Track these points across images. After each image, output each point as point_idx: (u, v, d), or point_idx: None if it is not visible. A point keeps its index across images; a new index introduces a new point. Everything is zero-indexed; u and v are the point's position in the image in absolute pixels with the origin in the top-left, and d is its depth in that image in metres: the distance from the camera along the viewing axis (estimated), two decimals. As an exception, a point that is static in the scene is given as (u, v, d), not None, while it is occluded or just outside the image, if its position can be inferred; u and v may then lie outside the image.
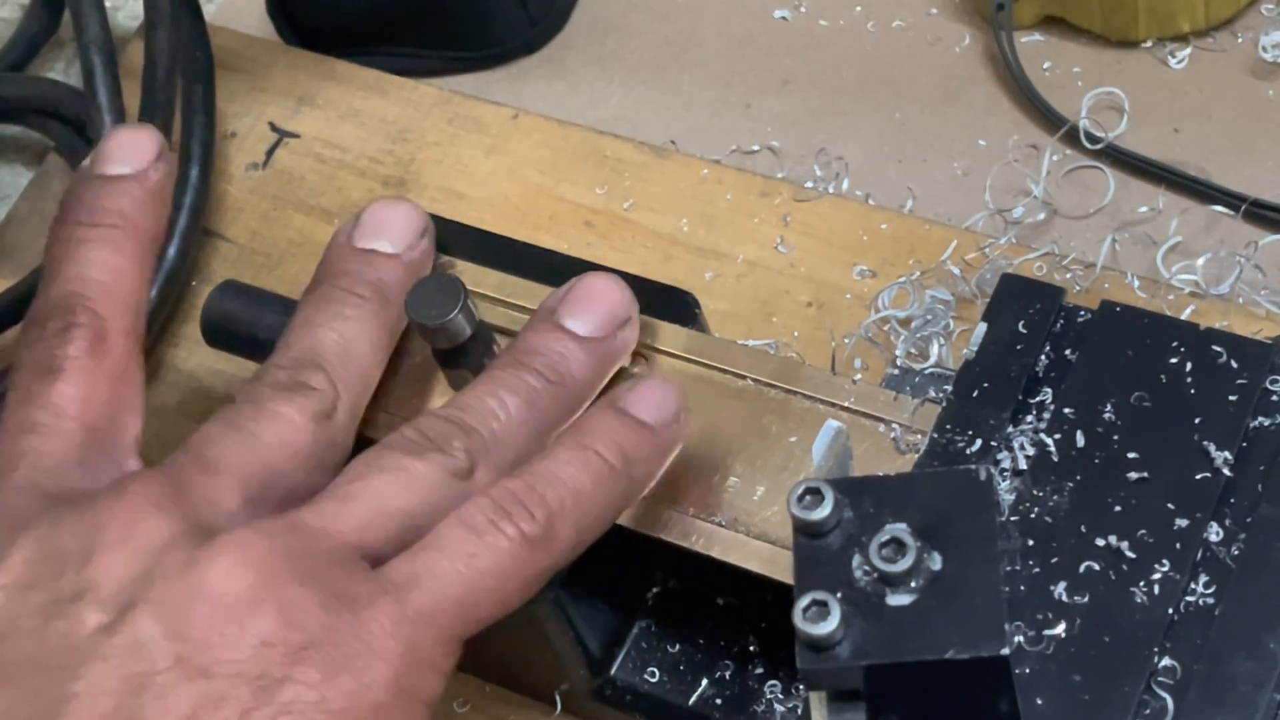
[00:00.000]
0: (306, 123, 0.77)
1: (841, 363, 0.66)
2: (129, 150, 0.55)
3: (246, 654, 0.44)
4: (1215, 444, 0.51)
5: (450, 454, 0.50)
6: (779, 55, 0.77)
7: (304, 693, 0.44)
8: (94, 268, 0.53)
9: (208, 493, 0.49)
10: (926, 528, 0.46)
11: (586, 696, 0.59)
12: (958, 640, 0.45)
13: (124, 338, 0.53)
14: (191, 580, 0.45)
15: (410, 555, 0.48)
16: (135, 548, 0.46)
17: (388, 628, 0.46)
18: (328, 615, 0.45)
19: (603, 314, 0.54)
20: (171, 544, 0.46)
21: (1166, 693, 0.48)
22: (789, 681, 0.58)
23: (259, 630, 0.44)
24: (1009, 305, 0.56)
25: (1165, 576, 0.50)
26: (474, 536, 0.48)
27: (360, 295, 0.55)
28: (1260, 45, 0.73)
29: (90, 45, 0.69)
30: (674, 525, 0.55)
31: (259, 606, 0.45)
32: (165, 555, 0.46)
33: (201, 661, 0.44)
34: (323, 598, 0.45)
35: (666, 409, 0.53)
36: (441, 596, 0.47)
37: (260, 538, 0.46)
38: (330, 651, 0.45)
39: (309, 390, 0.52)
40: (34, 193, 0.78)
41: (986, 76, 0.75)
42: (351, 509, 0.48)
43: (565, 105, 0.77)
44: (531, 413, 0.52)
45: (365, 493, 0.49)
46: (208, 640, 0.44)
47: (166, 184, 0.56)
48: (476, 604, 0.48)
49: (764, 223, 0.70)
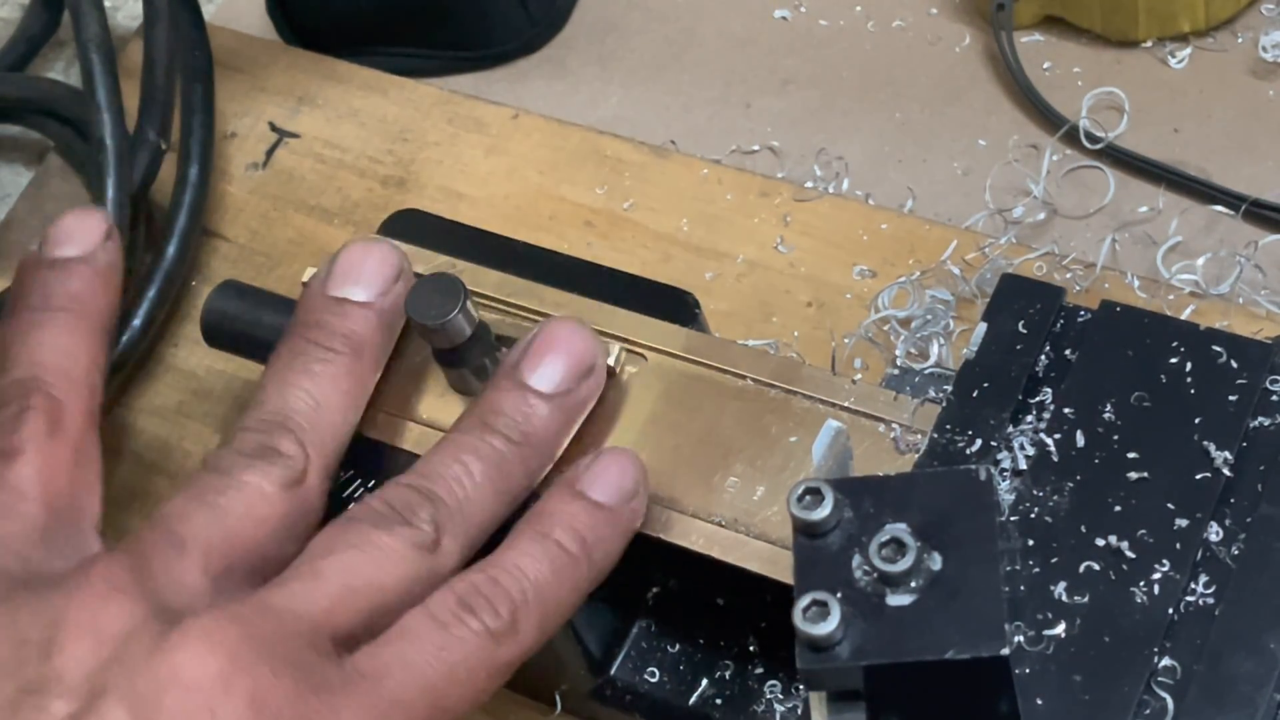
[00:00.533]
0: (306, 123, 0.77)
1: (841, 363, 0.66)
2: (78, 233, 0.56)
3: None
4: (1215, 444, 0.51)
5: (416, 525, 0.51)
6: (779, 55, 0.77)
7: None
8: (47, 351, 0.54)
9: (173, 572, 0.48)
10: (926, 528, 0.46)
11: (586, 696, 0.59)
12: (958, 640, 0.45)
13: (81, 418, 0.53)
14: (159, 667, 0.45)
15: (381, 643, 0.48)
16: (100, 634, 0.46)
17: (360, 716, 0.46)
18: (300, 703, 0.45)
19: (565, 366, 0.54)
20: (137, 629, 0.46)
21: (1166, 693, 0.48)
22: (789, 681, 0.58)
23: (230, 717, 0.44)
24: (1009, 305, 0.56)
25: (1165, 576, 0.50)
26: (441, 630, 0.49)
27: (331, 349, 0.55)
28: (1260, 45, 0.73)
29: (89, 45, 0.69)
30: (674, 525, 0.55)
31: (230, 693, 0.44)
32: (131, 641, 0.46)
33: None
34: (294, 684, 0.45)
35: (625, 485, 0.53)
36: (412, 686, 0.47)
37: (229, 622, 0.46)
38: None
39: (277, 456, 0.52)
40: (34, 193, 0.78)
41: (986, 76, 0.75)
42: (320, 588, 0.48)
43: (565, 105, 0.77)
44: (497, 476, 0.53)
45: (332, 569, 0.49)
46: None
47: (116, 264, 0.57)
48: (447, 694, 0.48)
49: (764, 223, 0.70)
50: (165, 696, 0.44)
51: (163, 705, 0.44)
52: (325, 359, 0.55)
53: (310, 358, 0.55)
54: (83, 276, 0.56)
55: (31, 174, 0.80)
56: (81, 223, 0.57)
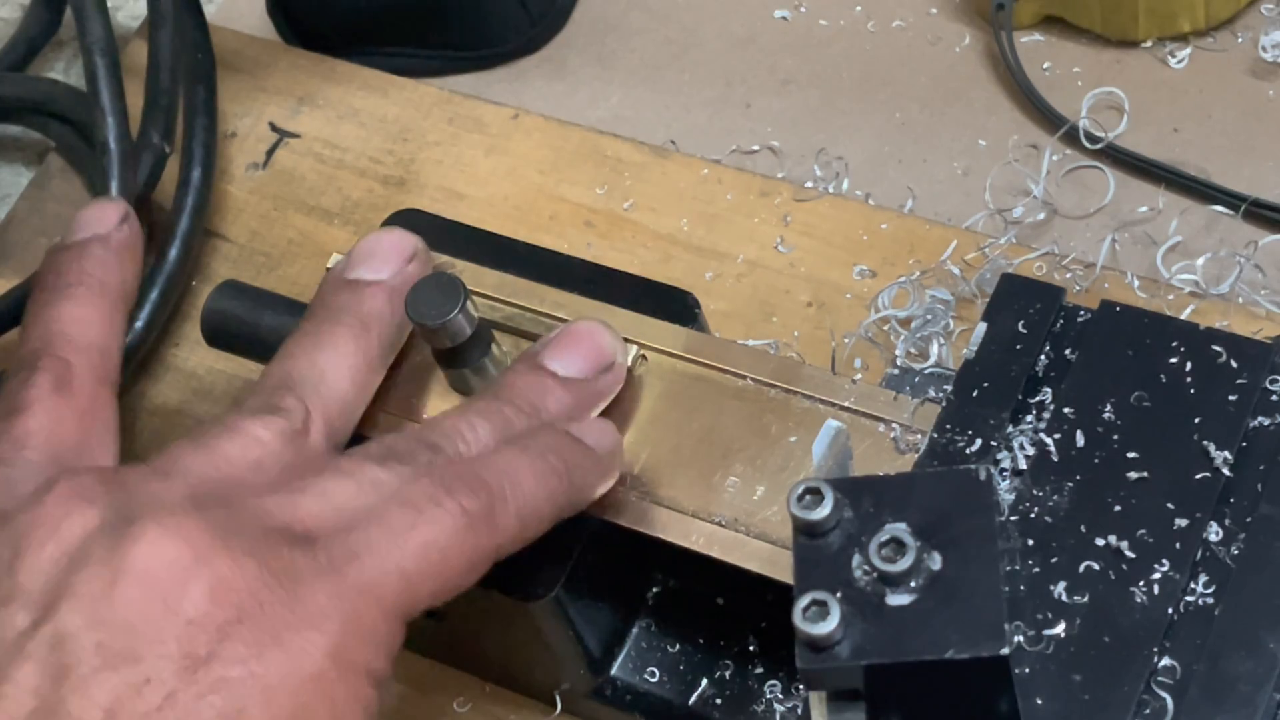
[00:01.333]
0: (306, 123, 0.77)
1: (841, 363, 0.66)
2: (94, 219, 0.58)
3: (171, 634, 0.43)
4: (1215, 444, 0.51)
5: (412, 466, 0.50)
6: (779, 55, 0.77)
7: (232, 669, 0.43)
8: (58, 321, 0.55)
9: (149, 487, 0.48)
10: (926, 528, 0.46)
11: (586, 696, 0.59)
12: (958, 640, 0.45)
13: (90, 377, 0.54)
14: (114, 563, 0.44)
15: (348, 531, 0.47)
16: (60, 542, 0.46)
17: (323, 600, 0.45)
18: (261, 588, 0.45)
19: (585, 356, 0.55)
20: (97, 532, 0.46)
21: (1166, 693, 0.48)
22: (789, 681, 0.58)
23: (186, 608, 0.44)
24: (1009, 305, 0.56)
25: (1165, 576, 0.50)
26: (412, 511, 0.48)
27: (338, 322, 0.55)
28: (1260, 45, 0.73)
29: (93, 47, 0.69)
30: (674, 525, 0.55)
31: (186, 582, 0.44)
32: (91, 543, 0.45)
33: (122, 646, 0.43)
34: (256, 570, 0.45)
35: (606, 439, 0.54)
36: (380, 569, 0.47)
37: (189, 514, 0.46)
38: (262, 625, 0.44)
39: (278, 409, 0.52)
40: (34, 193, 0.78)
41: (986, 76, 0.75)
42: (296, 499, 0.48)
43: (565, 105, 0.77)
44: (502, 434, 0.53)
45: (315, 487, 0.49)
46: (129, 623, 0.44)
47: (132, 243, 0.58)
48: (418, 578, 0.47)
49: (764, 222, 0.70)
50: (117, 592, 0.44)
51: (114, 601, 0.44)
52: (332, 331, 0.55)
53: (316, 333, 0.55)
54: (96, 254, 0.56)
55: (32, 174, 0.80)
56: (97, 210, 0.58)
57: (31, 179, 0.79)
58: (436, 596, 0.48)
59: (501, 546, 0.50)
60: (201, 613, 0.44)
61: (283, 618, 0.45)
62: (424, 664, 0.62)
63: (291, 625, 0.45)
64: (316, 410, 0.53)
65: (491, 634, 0.59)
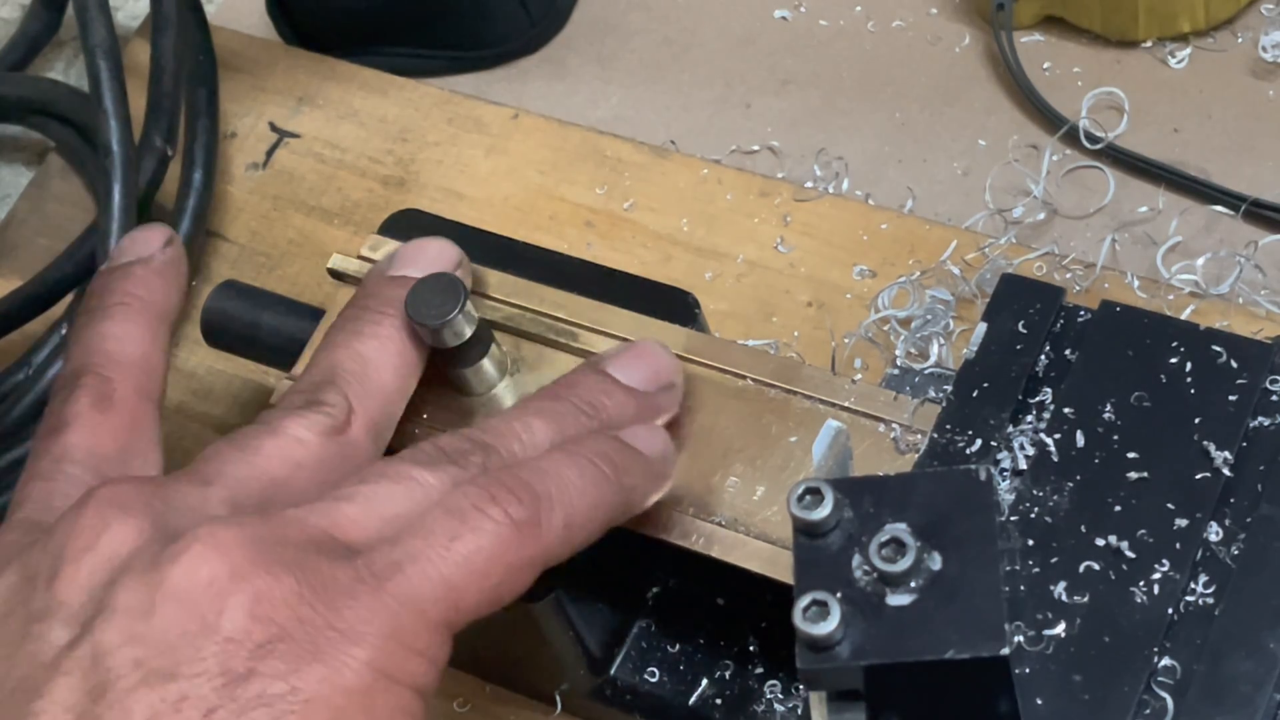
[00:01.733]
0: (306, 123, 0.77)
1: (841, 363, 0.66)
2: (138, 244, 0.57)
3: (209, 652, 0.43)
4: (1215, 444, 0.51)
5: (464, 468, 0.49)
6: (779, 55, 0.77)
7: (271, 685, 0.43)
8: (99, 339, 0.54)
9: (189, 499, 0.48)
10: (926, 528, 0.46)
11: (586, 696, 0.59)
12: (957, 640, 0.45)
13: (132, 392, 0.53)
14: (154, 581, 0.44)
15: (392, 542, 0.47)
16: (100, 556, 0.45)
17: (364, 614, 0.45)
18: (299, 604, 0.44)
19: (648, 370, 0.55)
20: (140, 548, 0.45)
21: (1166, 693, 0.48)
22: (789, 681, 0.58)
23: (224, 626, 0.44)
24: (1009, 305, 0.56)
25: (1165, 576, 0.50)
26: (456, 521, 0.47)
27: (381, 313, 0.55)
28: (1260, 45, 0.73)
29: (96, 50, 0.69)
30: (674, 525, 0.55)
31: (225, 600, 0.44)
32: (132, 559, 0.45)
33: (161, 664, 0.43)
34: (295, 586, 0.44)
35: (658, 444, 0.53)
36: (423, 581, 0.46)
37: (229, 528, 0.45)
38: (301, 641, 0.44)
39: (319, 406, 0.52)
40: (34, 193, 0.78)
41: (986, 76, 0.75)
42: (339, 507, 0.47)
43: (565, 105, 0.77)
44: (558, 436, 0.52)
45: (360, 494, 0.48)
46: (168, 641, 0.43)
47: (175, 264, 0.57)
48: (462, 589, 0.46)
49: (764, 223, 0.70)
50: (156, 610, 0.44)
51: (153, 619, 0.44)
52: (376, 321, 0.55)
53: (362, 321, 0.55)
54: (137, 274, 0.56)
55: (32, 174, 0.80)
56: (142, 236, 0.58)
57: (31, 179, 0.79)
58: (483, 607, 0.47)
59: (549, 555, 0.49)
60: (240, 630, 0.44)
61: (322, 633, 0.44)
62: (424, 664, 0.62)
63: (331, 640, 0.44)
64: (360, 404, 0.52)
65: (491, 634, 0.59)
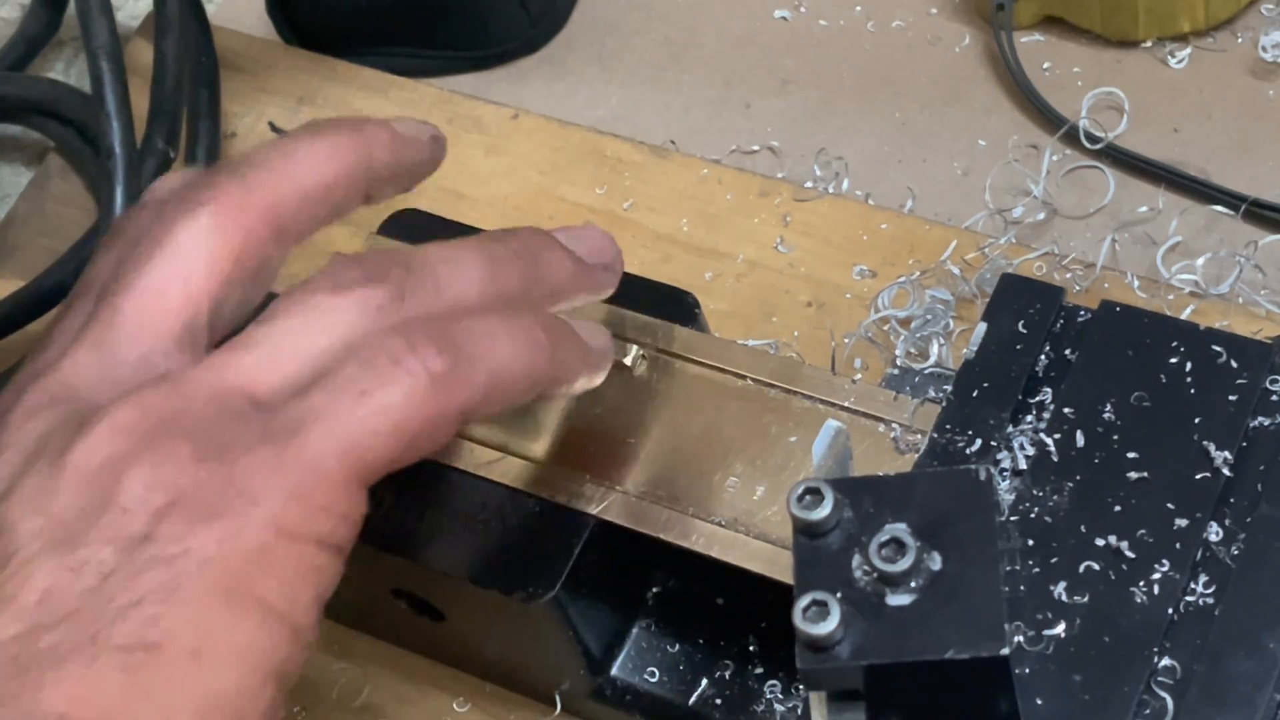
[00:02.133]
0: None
1: (841, 363, 0.66)
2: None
3: (108, 521, 0.43)
4: (1215, 444, 0.51)
5: (381, 285, 0.47)
6: (779, 55, 0.77)
7: (168, 546, 0.43)
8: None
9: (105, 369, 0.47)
10: (926, 528, 0.46)
11: (586, 696, 0.59)
12: (957, 640, 0.44)
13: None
14: (59, 464, 0.44)
15: (300, 396, 0.45)
16: (22, 444, 0.46)
17: (264, 473, 0.44)
18: (198, 467, 0.44)
19: (590, 244, 0.53)
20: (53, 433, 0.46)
21: (1166, 693, 0.48)
22: (789, 681, 0.58)
23: (120, 497, 0.44)
24: (1009, 305, 0.56)
25: (1165, 576, 0.50)
26: (369, 373, 0.45)
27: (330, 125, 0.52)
28: (1260, 45, 0.73)
29: (99, 53, 0.69)
30: (674, 525, 0.55)
31: (120, 474, 0.44)
32: (47, 442, 0.45)
33: (62, 534, 0.43)
34: (194, 450, 0.44)
35: (599, 338, 0.52)
36: (327, 438, 0.45)
37: (129, 408, 0.45)
38: (198, 504, 0.44)
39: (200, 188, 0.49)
40: (34, 193, 0.78)
41: (986, 76, 0.75)
42: (242, 358, 0.46)
43: (565, 105, 0.77)
44: (489, 271, 0.50)
45: (269, 337, 0.47)
46: (69, 516, 0.44)
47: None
48: (370, 446, 0.45)
49: (764, 223, 0.70)
50: (60, 489, 0.44)
51: (57, 496, 0.44)
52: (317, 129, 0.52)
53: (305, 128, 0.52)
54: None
55: (31, 174, 0.80)
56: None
57: (31, 179, 0.79)
58: (395, 462, 0.46)
59: (468, 410, 0.47)
60: (136, 500, 0.44)
61: (221, 493, 0.44)
62: (424, 664, 0.62)
63: (229, 500, 0.44)
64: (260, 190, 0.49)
65: (491, 634, 0.59)
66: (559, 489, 0.56)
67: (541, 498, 0.56)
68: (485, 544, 0.55)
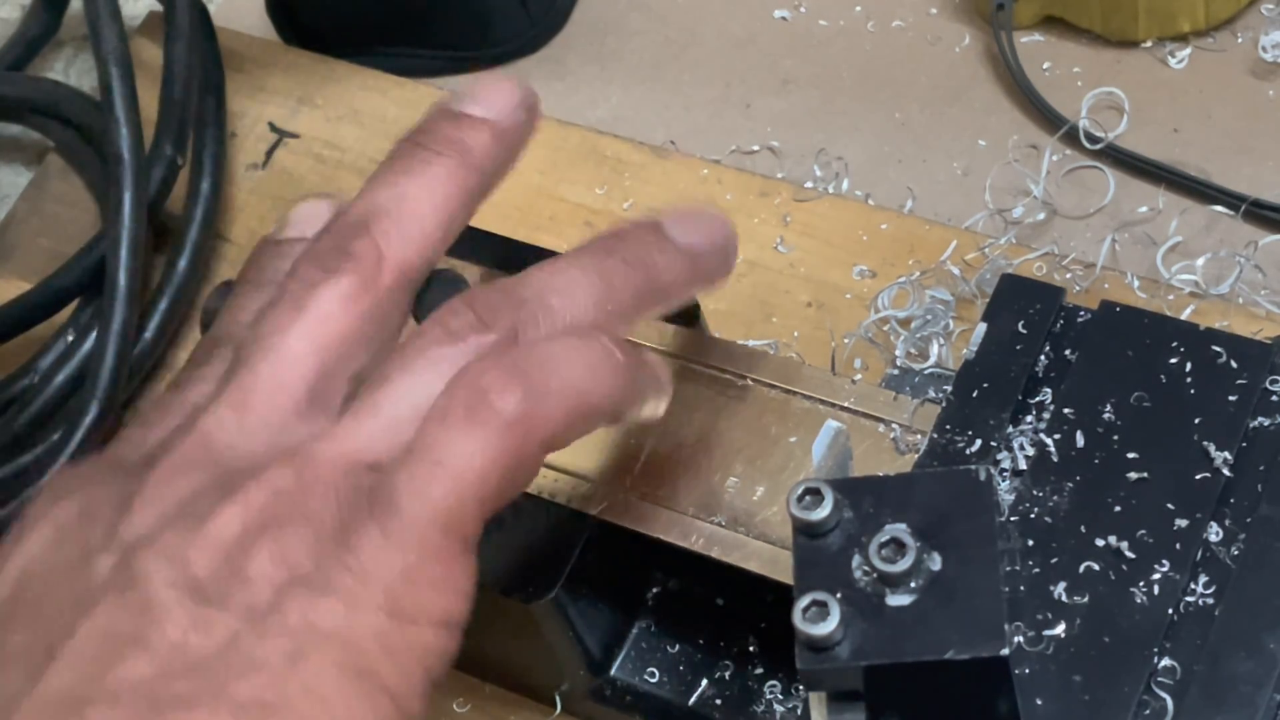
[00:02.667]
0: (306, 123, 0.77)
1: (841, 363, 0.66)
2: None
3: (238, 586, 0.45)
4: (1215, 444, 0.51)
5: (493, 329, 0.48)
6: (779, 55, 0.77)
7: (291, 618, 0.44)
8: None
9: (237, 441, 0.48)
10: (926, 528, 0.46)
11: (586, 696, 0.59)
12: (957, 640, 0.45)
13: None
14: (199, 529, 0.46)
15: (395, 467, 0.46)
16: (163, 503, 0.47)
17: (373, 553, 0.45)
18: (318, 548, 0.45)
19: (707, 232, 0.52)
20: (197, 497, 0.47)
21: (1166, 693, 0.48)
22: (789, 681, 0.58)
23: (250, 567, 0.45)
24: (1009, 305, 0.56)
25: (1165, 576, 0.50)
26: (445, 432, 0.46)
27: (432, 150, 0.51)
28: (1260, 45, 0.73)
29: (109, 58, 0.70)
30: (674, 525, 0.55)
31: (251, 547, 0.45)
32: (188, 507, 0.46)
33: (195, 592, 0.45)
34: (314, 533, 0.45)
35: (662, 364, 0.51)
36: (423, 510, 0.45)
37: (262, 488, 0.46)
38: (319, 583, 0.45)
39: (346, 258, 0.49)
40: (34, 193, 0.78)
41: (986, 76, 0.75)
42: (364, 427, 0.47)
43: (565, 105, 0.77)
44: (603, 294, 0.49)
45: (387, 400, 0.47)
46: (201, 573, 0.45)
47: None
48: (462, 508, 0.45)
49: (764, 223, 0.70)
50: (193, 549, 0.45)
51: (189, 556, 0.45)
52: (424, 159, 0.51)
53: (411, 158, 0.51)
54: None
55: (31, 174, 0.80)
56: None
57: (31, 179, 0.79)
58: (494, 510, 0.46)
59: (548, 443, 0.47)
60: (262, 574, 0.45)
61: (339, 575, 0.45)
62: (424, 664, 0.62)
63: (345, 581, 0.45)
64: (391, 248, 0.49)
65: (491, 634, 0.59)
66: (559, 489, 0.56)
67: (541, 498, 0.56)
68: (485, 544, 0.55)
